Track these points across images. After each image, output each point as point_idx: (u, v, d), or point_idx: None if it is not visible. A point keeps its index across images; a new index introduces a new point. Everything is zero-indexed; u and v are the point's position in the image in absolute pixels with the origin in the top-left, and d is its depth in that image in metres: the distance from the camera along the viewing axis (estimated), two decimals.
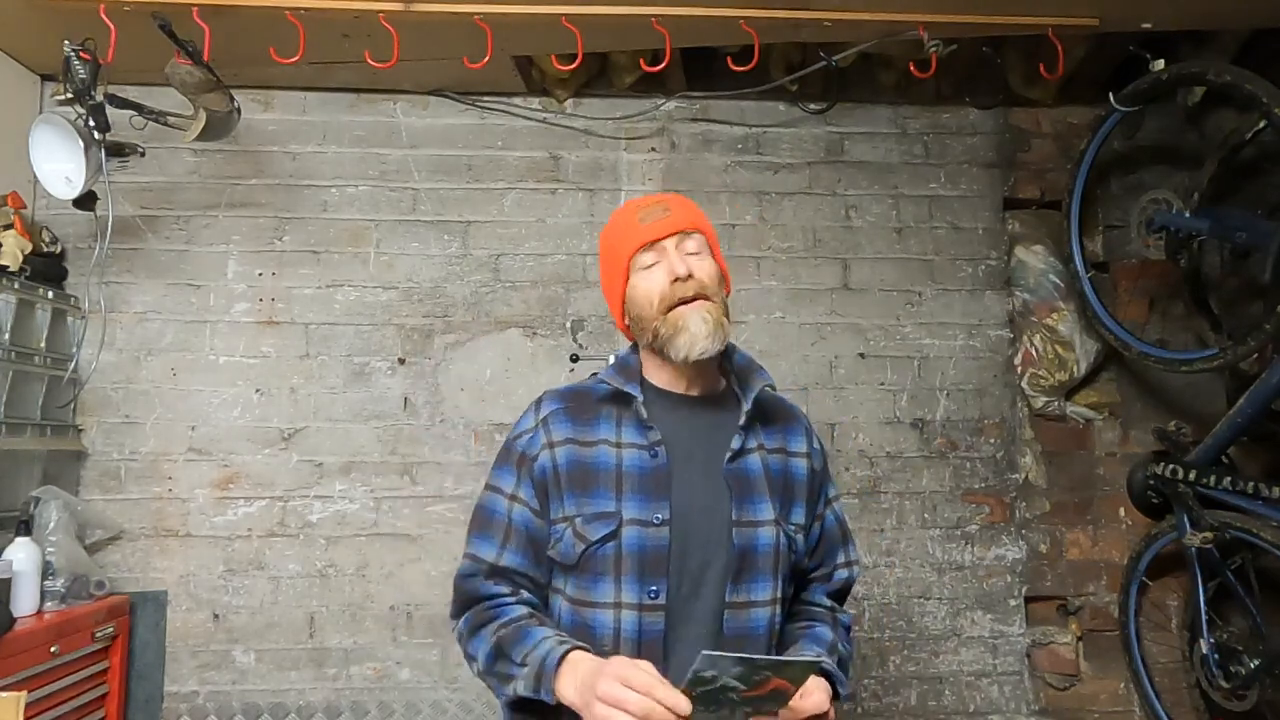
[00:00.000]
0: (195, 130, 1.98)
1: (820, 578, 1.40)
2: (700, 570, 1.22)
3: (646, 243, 1.28)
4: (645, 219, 1.29)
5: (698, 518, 1.23)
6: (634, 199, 1.44)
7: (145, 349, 2.34)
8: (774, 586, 1.25)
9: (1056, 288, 2.49)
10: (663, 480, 1.23)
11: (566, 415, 1.30)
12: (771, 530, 1.25)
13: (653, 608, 1.20)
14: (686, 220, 1.30)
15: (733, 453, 1.27)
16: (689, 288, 1.25)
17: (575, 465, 1.26)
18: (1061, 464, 2.49)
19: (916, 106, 2.57)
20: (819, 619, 1.35)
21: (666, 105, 2.50)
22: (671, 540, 1.21)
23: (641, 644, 1.19)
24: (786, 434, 1.36)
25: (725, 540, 1.22)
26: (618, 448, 1.26)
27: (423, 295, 2.42)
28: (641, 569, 1.20)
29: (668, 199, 1.34)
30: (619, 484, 1.24)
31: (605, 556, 1.21)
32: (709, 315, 1.24)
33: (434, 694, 2.27)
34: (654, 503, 1.22)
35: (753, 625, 1.24)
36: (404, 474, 2.34)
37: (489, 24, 1.99)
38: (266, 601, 2.28)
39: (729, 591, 1.22)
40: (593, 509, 1.23)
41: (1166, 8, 2.08)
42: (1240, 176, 2.33)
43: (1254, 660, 2.02)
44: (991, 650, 2.40)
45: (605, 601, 1.21)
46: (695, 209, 1.36)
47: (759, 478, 1.27)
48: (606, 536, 1.21)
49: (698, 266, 1.28)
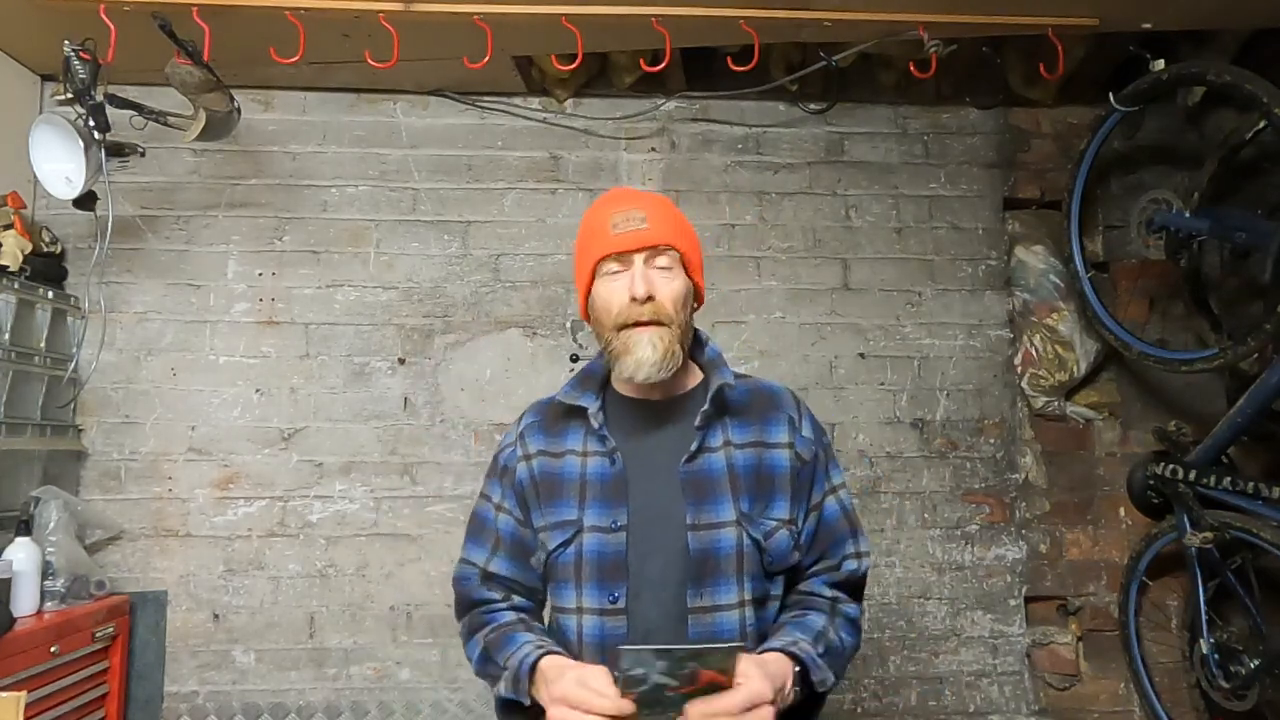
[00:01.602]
0: (195, 130, 1.98)
1: (824, 570, 1.32)
2: (660, 575, 1.21)
3: (615, 253, 1.24)
4: (618, 226, 1.24)
5: (655, 522, 1.22)
6: (617, 191, 1.38)
7: (145, 349, 2.34)
8: (740, 589, 1.22)
9: (1056, 288, 2.49)
10: (620, 486, 1.24)
11: (540, 428, 1.35)
12: (733, 532, 1.22)
13: (614, 612, 1.20)
14: (659, 236, 1.24)
15: (689, 454, 1.25)
16: (645, 311, 1.22)
17: (546, 476, 1.30)
18: (1061, 464, 2.49)
19: (916, 106, 2.57)
20: (813, 607, 1.29)
21: (666, 105, 2.50)
22: (629, 545, 1.22)
23: (604, 647, 1.19)
24: (764, 425, 1.30)
25: (682, 544, 1.21)
26: (583, 457, 1.29)
27: (423, 295, 2.42)
28: (601, 574, 1.22)
29: (647, 206, 1.27)
30: (582, 492, 1.26)
31: (566, 564, 1.24)
32: (659, 342, 1.21)
33: (434, 694, 2.27)
34: (613, 509, 1.23)
35: (719, 629, 1.21)
36: (404, 474, 2.34)
37: (489, 24, 1.99)
38: (266, 601, 2.28)
39: (690, 596, 1.20)
40: (556, 517, 1.27)
41: (1166, 8, 2.08)
42: (1240, 176, 2.33)
43: (1254, 660, 2.02)
44: (991, 650, 2.40)
45: (569, 606, 1.25)
46: (674, 220, 1.29)
47: (720, 478, 1.24)
48: (563, 544, 1.24)
49: (662, 286, 1.23)
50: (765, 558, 1.24)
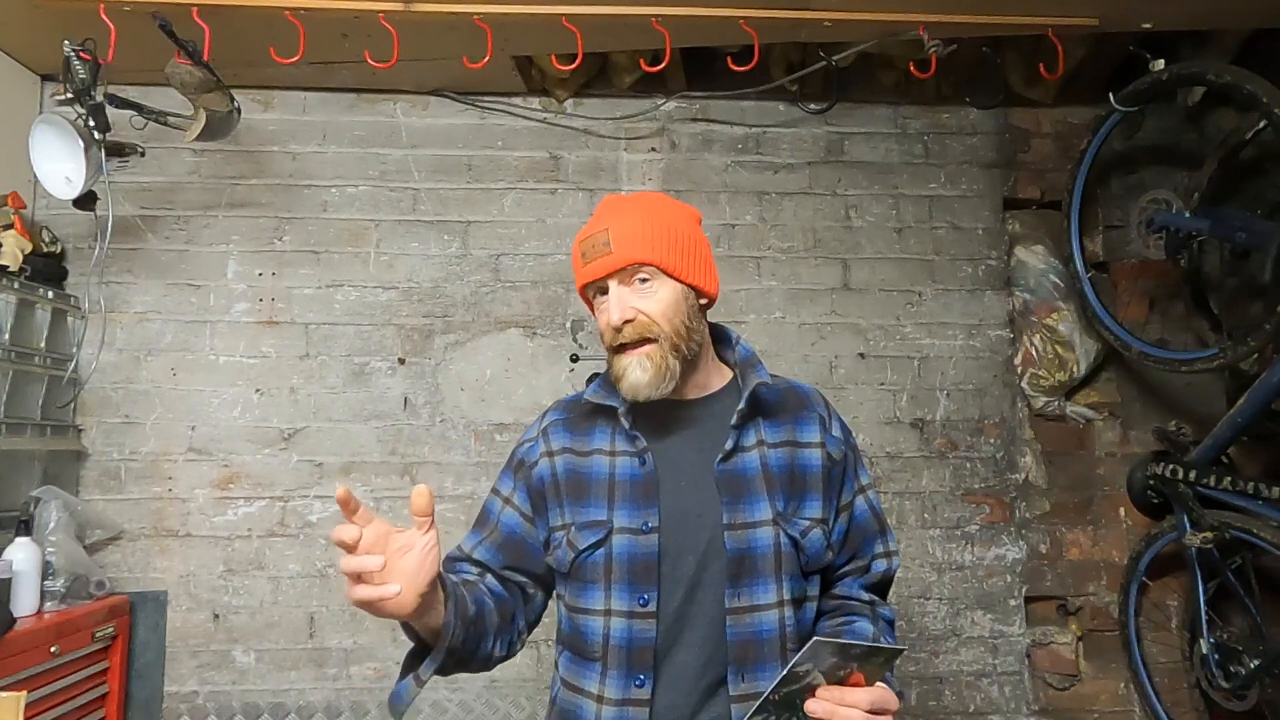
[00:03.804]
0: (195, 130, 1.98)
1: (856, 570, 1.33)
2: (695, 576, 1.20)
3: (588, 283, 1.25)
4: (587, 255, 1.23)
5: (687, 523, 1.22)
6: (601, 205, 1.33)
7: (145, 349, 2.34)
8: (778, 588, 1.21)
9: (1056, 288, 2.49)
10: (651, 487, 1.23)
11: (566, 426, 1.33)
12: (770, 531, 1.21)
13: (644, 615, 1.19)
14: (625, 255, 1.20)
15: (724, 453, 1.24)
16: (625, 335, 1.21)
17: (571, 474, 1.28)
18: (1061, 464, 2.49)
19: (916, 106, 2.57)
20: (858, 613, 1.29)
21: (666, 105, 2.50)
22: (661, 547, 1.20)
23: (631, 651, 1.19)
24: (796, 425, 1.30)
25: (718, 545, 1.20)
26: (611, 456, 1.27)
27: (423, 295, 2.42)
28: (632, 576, 1.20)
29: (614, 224, 1.22)
30: (611, 493, 1.24)
31: (595, 564, 1.22)
32: (647, 363, 1.20)
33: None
34: (643, 510, 1.22)
35: (757, 630, 1.20)
36: (404, 474, 2.34)
37: (489, 24, 1.99)
38: (266, 601, 2.28)
39: (728, 597, 1.19)
40: (584, 517, 1.25)
41: (1166, 8, 2.08)
42: (1240, 176, 2.33)
43: (1254, 660, 2.02)
44: (991, 650, 2.40)
45: (595, 608, 1.22)
46: (647, 230, 1.22)
47: (756, 477, 1.24)
48: (594, 544, 1.22)
49: (643, 303, 1.21)
50: (802, 557, 1.24)
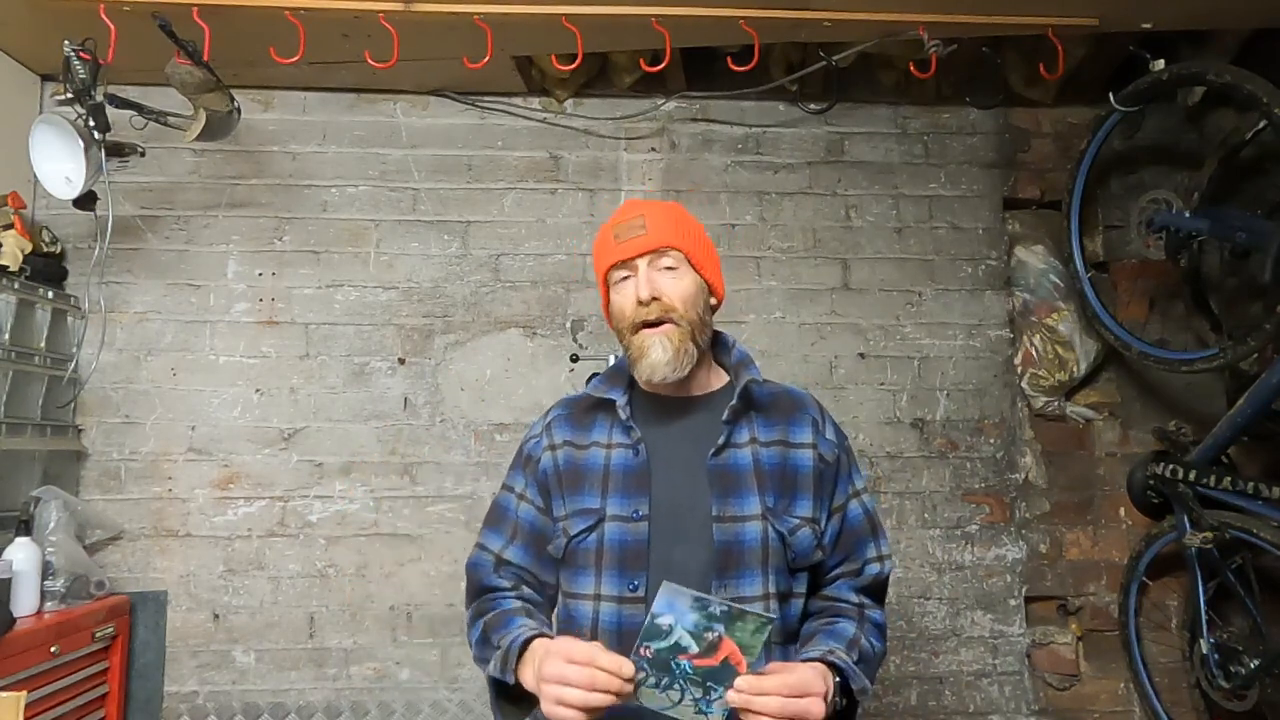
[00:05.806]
0: (195, 130, 1.98)
1: (848, 573, 1.35)
2: (683, 565, 1.23)
3: (618, 261, 1.30)
4: (620, 235, 1.29)
5: (678, 514, 1.25)
6: (626, 204, 1.41)
7: (145, 349, 2.34)
8: (764, 581, 1.24)
9: (1056, 288, 2.49)
10: (643, 477, 1.27)
11: (568, 420, 1.38)
12: (758, 525, 1.24)
13: (633, 600, 1.22)
14: (660, 238, 1.28)
15: (716, 448, 1.27)
16: (652, 311, 1.26)
17: (570, 466, 1.33)
18: (1061, 464, 2.49)
19: (916, 106, 2.57)
20: (844, 615, 1.31)
21: (666, 105, 2.50)
22: (651, 535, 1.24)
23: (621, 635, 1.21)
24: (789, 426, 1.34)
25: (707, 536, 1.23)
26: (608, 448, 1.32)
27: (423, 295, 2.42)
28: (622, 563, 1.24)
29: (648, 212, 1.31)
30: (605, 482, 1.29)
31: (587, 550, 1.27)
32: (669, 341, 1.26)
33: (434, 694, 2.27)
34: (634, 499, 1.26)
35: None
36: (404, 474, 2.34)
37: (489, 24, 1.99)
38: (266, 601, 2.28)
39: (714, 588, 1.21)
40: (579, 505, 1.30)
41: (1166, 8, 2.08)
42: (1240, 176, 2.33)
43: (1254, 660, 2.02)
44: (991, 650, 2.40)
45: (586, 593, 1.26)
46: (677, 221, 1.33)
47: (747, 472, 1.27)
48: (585, 530, 1.27)
49: (668, 286, 1.28)
50: (789, 553, 1.26)
